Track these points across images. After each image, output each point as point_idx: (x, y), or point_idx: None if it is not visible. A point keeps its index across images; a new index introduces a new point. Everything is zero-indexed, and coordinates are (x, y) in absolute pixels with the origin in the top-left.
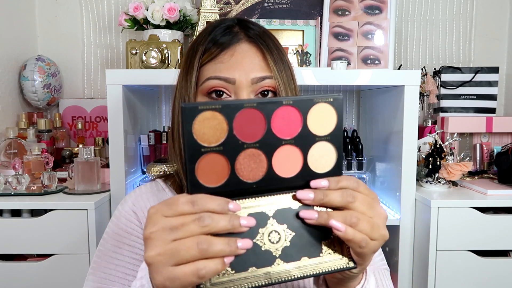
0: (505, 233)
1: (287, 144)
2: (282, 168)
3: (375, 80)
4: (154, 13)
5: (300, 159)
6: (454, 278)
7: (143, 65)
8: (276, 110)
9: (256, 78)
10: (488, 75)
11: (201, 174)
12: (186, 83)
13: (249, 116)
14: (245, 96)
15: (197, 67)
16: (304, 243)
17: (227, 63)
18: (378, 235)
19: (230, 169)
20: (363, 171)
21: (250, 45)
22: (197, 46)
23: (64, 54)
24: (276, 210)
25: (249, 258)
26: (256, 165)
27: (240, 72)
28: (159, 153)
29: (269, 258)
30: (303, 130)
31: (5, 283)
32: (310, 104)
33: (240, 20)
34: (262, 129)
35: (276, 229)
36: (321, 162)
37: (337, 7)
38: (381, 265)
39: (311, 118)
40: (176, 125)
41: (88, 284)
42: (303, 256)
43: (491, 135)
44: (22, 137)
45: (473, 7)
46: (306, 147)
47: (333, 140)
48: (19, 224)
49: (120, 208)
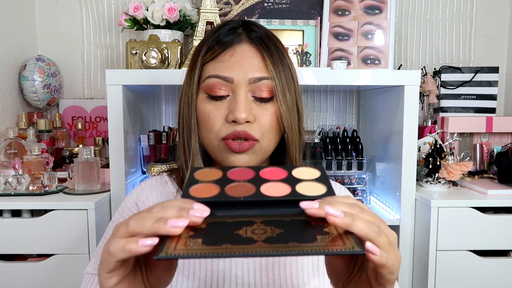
0: (505, 233)
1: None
2: (270, 192)
3: (375, 80)
4: (154, 13)
5: (288, 188)
6: (454, 278)
7: (143, 65)
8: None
9: (253, 78)
10: (488, 75)
11: (192, 191)
12: (190, 79)
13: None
14: (242, 94)
15: (199, 65)
16: (294, 234)
17: (226, 63)
18: (394, 254)
19: (220, 190)
20: (363, 171)
21: (251, 46)
22: (201, 45)
23: (64, 54)
24: (264, 219)
25: (226, 239)
26: (245, 189)
27: (238, 72)
28: (159, 153)
29: (250, 241)
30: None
31: (5, 283)
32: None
33: (245, 22)
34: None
35: (262, 228)
36: (311, 190)
37: (337, 7)
38: None
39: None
40: (181, 120)
41: (89, 265)
42: (292, 241)
43: (491, 135)
44: (22, 137)
45: (473, 7)
46: (293, 184)
47: (322, 180)
48: (19, 224)
49: (126, 200)
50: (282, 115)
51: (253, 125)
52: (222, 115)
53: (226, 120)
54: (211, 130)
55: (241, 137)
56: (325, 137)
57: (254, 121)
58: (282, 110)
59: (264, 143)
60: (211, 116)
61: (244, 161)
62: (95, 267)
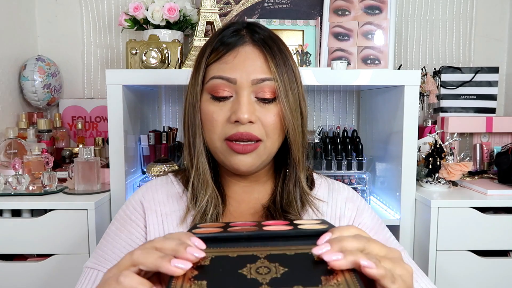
0: (505, 233)
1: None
2: (272, 228)
3: (375, 80)
4: (154, 13)
5: (290, 226)
6: (454, 278)
7: (143, 65)
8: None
9: (256, 80)
10: (488, 75)
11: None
12: (195, 80)
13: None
14: (246, 96)
15: (204, 66)
16: (298, 275)
17: (230, 64)
18: (402, 268)
19: (223, 230)
20: (363, 171)
21: (254, 48)
22: (206, 47)
23: (64, 54)
24: (268, 254)
25: (230, 281)
26: (248, 229)
27: (241, 73)
28: (159, 153)
29: (255, 284)
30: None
31: (5, 283)
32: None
33: (249, 24)
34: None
35: (266, 265)
36: (312, 227)
37: (337, 7)
38: (398, 246)
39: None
40: (186, 121)
41: (89, 260)
42: (297, 285)
43: (491, 135)
44: (22, 137)
45: (473, 7)
46: (295, 225)
47: (323, 221)
48: (19, 224)
49: (131, 198)
50: (284, 116)
51: (256, 126)
52: (225, 116)
53: (229, 120)
54: (214, 131)
55: (244, 139)
56: (325, 137)
57: (256, 121)
58: (284, 111)
59: (268, 143)
60: (214, 116)
61: (248, 162)
62: (96, 262)
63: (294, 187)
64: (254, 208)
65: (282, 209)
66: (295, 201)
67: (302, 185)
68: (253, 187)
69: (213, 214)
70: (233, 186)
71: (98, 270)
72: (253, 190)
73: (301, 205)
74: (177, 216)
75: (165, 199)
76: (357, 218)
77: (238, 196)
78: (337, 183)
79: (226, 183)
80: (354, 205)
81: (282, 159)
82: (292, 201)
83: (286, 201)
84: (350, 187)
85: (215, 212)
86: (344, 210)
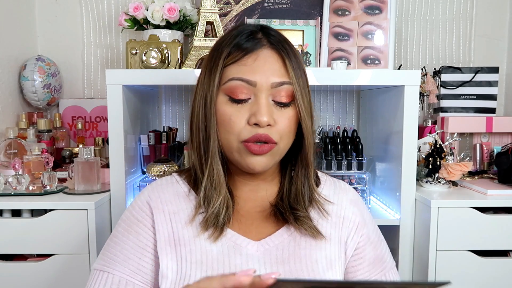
0: (505, 233)
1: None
2: None
3: (375, 80)
4: (154, 13)
5: None
6: (454, 278)
7: (143, 65)
8: None
9: (275, 83)
10: (488, 75)
11: None
12: (210, 81)
13: None
14: (264, 98)
15: (221, 67)
16: None
17: (250, 66)
18: None
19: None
20: (363, 171)
21: (272, 51)
22: (222, 48)
23: (64, 54)
24: None
25: None
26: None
27: (261, 76)
28: (159, 153)
29: None
30: None
31: (5, 283)
32: None
33: (262, 27)
34: None
35: None
36: None
37: (337, 7)
38: (391, 261)
39: None
40: (196, 121)
41: (97, 262)
42: None
43: (491, 135)
44: (22, 137)
45: (473, 7)
46: None
47: None
48: (19, 224)
49: (137, 198)
50: (302, 119)
51: (273, 129)
52: (243, 118)
53: (248, 123)
54: (232, 132)
55: (262, 140)
56: (325, 137)
57: (274, 124)
58: (302, 114)
59: (281, 145)
60: (232, 118)
61: (262, 163)
62: (104, 264)
63: (302, 185)
64: (261, 206)
65: (290, 206)
66: (302, 199)
67: (311, 183)
68: (260, 185)
69: (225, 215)
70: (241, 186)
71: (108, 272)
72: (259, 188)
73: (309, 202)
74: (184, 214)
75: (172, 198)
76: (361, 227)
77: (245, 194)
78: (342, 182)
79: (234, 183)
80: (359, 211)
81: (287, 157)
82: (300, 198)
83: (294, 199)
84: (352, 188)
85: (227, 214)
86: (348, 212)
